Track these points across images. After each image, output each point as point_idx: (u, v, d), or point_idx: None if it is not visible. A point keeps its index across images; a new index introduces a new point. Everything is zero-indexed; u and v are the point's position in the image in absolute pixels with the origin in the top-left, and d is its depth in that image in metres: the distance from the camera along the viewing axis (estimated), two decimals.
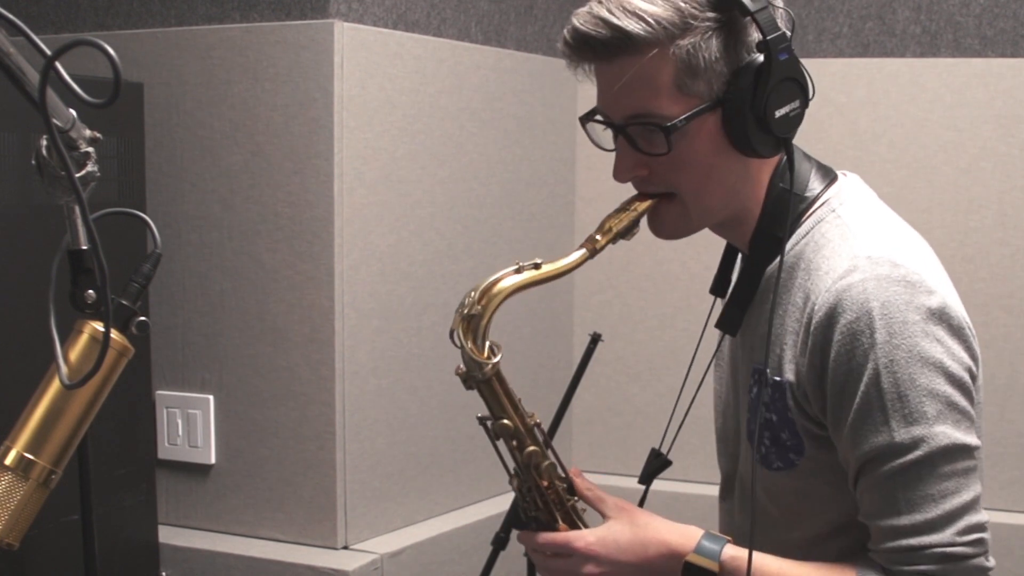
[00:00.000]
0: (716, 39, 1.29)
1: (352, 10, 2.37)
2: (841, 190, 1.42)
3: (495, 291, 1.37)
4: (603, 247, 1.37)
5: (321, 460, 2.38)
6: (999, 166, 2.70)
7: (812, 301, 1.31)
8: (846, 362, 1.28)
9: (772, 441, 1.38)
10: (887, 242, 1.34)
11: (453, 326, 1.37)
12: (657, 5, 1.28)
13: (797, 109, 1.34)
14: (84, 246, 1.24)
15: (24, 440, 1.22)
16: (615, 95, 1.34)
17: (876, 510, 1.30)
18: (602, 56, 1.32)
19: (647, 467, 1.63)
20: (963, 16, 2.74)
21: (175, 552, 2.42)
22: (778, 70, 1.30)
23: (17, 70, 1.09)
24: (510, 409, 1.42)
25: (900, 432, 1.26)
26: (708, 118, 1.32)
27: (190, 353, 2.48)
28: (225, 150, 2.41)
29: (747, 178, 1.38)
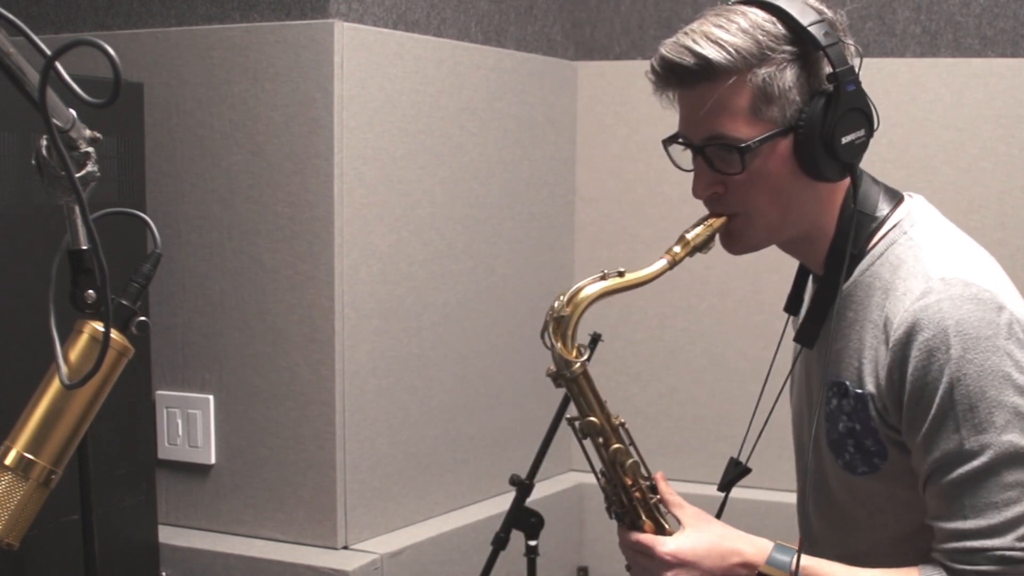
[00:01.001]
0: (791, 70, 1.40)
1: (352, 10, 2.37)
2: (911, 211, 1.51)
3: (581, 296, 1.47)
4: (682, 259, 1.48)
5: (321, 460, 2.38)
6: (999, 166, 2.70)
7: (892, 321, 1.40)
8: (923, 376, 1.37)
9: (856, 448, 1.46)
10: (958, 262, 1.43)
11: (544, 328, 1.49)
12: (738, 36, 1.39)
13: (863, 137, 1.44)
14: (84, 246, 1.24)
15: (24, 440, 1.22)
16: (695, 119, 1.44)
17: (942, 513, 1.38)
18: (686, 82, 1.42)
19: (726, 475, 1.70)
20: (963, 16, 2.74)
21: (175, 552, 2.42)
22: (846, 100, 1.41)
23: (17, 70, 1.09)
24: (596, 407, 1.51)
25: (969, 440, 1.35)
26: (780, 142, 1.42)
27: (190, 353, 2.48)
28: (225, 150, 2.41)
29: (816, 200, 1.47)
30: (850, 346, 1.46)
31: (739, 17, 1.40)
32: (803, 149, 1.41)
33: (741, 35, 1.39)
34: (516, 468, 2.11)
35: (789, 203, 1.46)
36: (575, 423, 1.52)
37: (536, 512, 2.05)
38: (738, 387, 2.93)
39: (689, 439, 2.97)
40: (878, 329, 1.43)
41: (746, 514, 2.06)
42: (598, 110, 3.00)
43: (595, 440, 1.52)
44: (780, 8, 1.41)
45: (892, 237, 1.48)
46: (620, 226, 3.00)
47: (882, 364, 1.41)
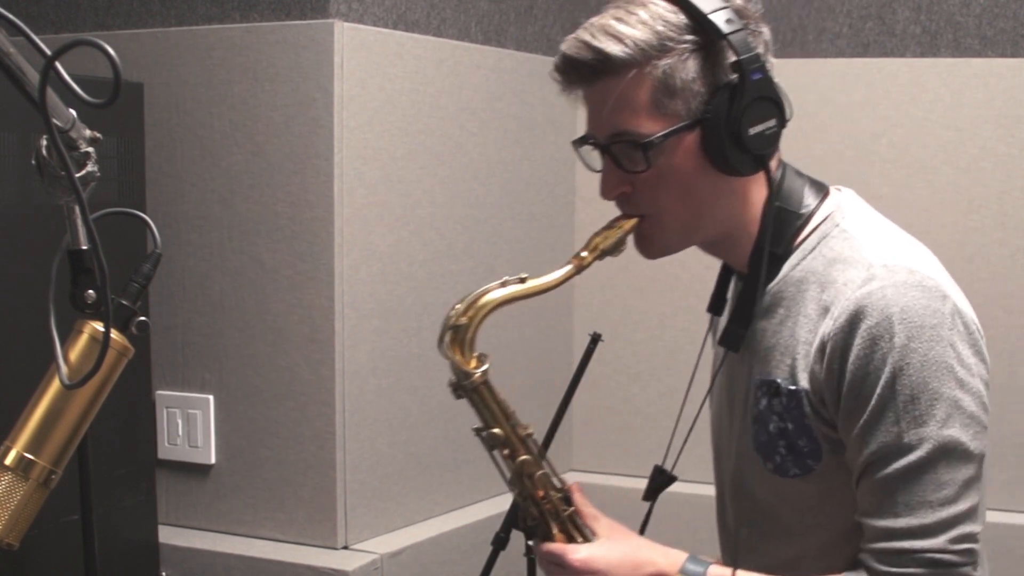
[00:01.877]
0: (693, 60, 1.35)
1: (352, 10, 2.37)
2: (841, 205, 1.46)
3: (480, 303, 1.42)
4: (589, 263, 1.42)
5: (321, 460, 2.38)
6: (999, 166, 2.70)
7: (831, 312, 1.35)
8: (864, 364, 1.31)
9: (788, 449, 1.41)
10: (899, 250, 1.38)
11: (440, 338, 1.42)
12: (637, 28, 1.34)
13: (773, 127, 1.38)
14: (84, 246, 1.24)
15: (24, 440, 1.22)
16: (599, 115, 1.40)
17: (874, 509, 1.33)
18: (587, 78, 1.37)
19: (651, 483, 1.66)
20: (963, 16, 2.74)
21: (175, 552, 2.42)
22: (752, 89, 1.35)
23: (17, 70, 1.09)
24: (501, 418, 1.46)
25: (908, 433, 1.30)
26: (686, 137, 1.36)
27: (190, 353, 2.48)
28: (225, 150, 2.41)
29: (731, 197, 1.42)
30: (781, 343, 1.41)
31: (639, 8, 1.35)
32: (710, 142, 1.36)
33: (640, 27, 1.33)
34: None
35: (701, 201, 1.40)
36: (482, 434, 1.47)
37: None
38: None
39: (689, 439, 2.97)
40: (813, 322, 1.37)
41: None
42: None
43: (501, 452, 1.47)
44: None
45: (824, 231, 1.42)
46: None
47: (817, 357, 1.35)
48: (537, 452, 1.47)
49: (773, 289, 1.42)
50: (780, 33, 2.90)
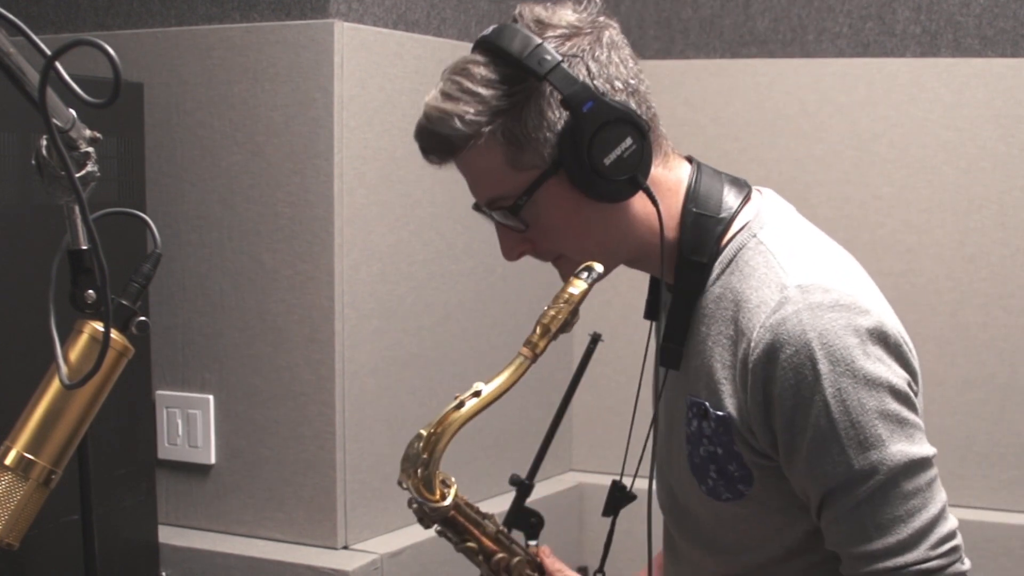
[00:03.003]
0: (526, 111, 1.31)
1: (352, 10, 2.37)
2: (759, 211, 1.39)
3: (441, 430, 1.34)
4: (544, 349, 1.35)
5: (321, 460, 2.38)
6: (999, 166, 2.70)
7: (747, 337, 1.29)
8: (792, 396, 1.26)
9: (719, 473, 1.37)
10: (814, 266, 1.32)
11: (400, 477, 1.35)
12: (463, 101, 1.32)
13: (630, 146, 1.31)
14: (84, 246, 1.24)
15: (24, 440, 1.22)
16: (471, 186, 1.40)
17: (846, 539, 1.29)
18: (442, 156, 1.38)
19: (610, 499, 1.63)
20: (963, 16, 2.74)
21: (175, 552, 2.42)
22: (589, 121, 1.29)
23: (17, 70, 1.10)
24: (473, 531, 1.45)
25: (858, 460, 1.25)
26: (552, 183, 1.33)
27: (190, 353, 2.48)
28: (225, 150, 2.41)
29: (629, 219, 1.37)
30: (705, 364, 1.35)
31: (462, 78, 1.33)
32: (576, 181, 1.31)
33: (466, 97, 1.31)
34: (516, 468, 2.11)
35: (599, 232, 1.37)
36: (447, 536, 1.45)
37: (536, 512, 2.05)
38: None
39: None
40: (732, 343, 1.32)
41: None
42: None
43: (475, 559, 1.47)
44: (495, 46, 1.31)
45: (740, 241, 1.36)
46: None
47: (741, 385, 1.30)
48: (507, 541, 1.48)
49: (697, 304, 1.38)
50: (780, 33, 2.90)
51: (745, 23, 2.94)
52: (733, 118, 2.89)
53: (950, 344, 2.74)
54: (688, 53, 2.98)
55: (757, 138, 2.88)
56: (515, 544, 1.48)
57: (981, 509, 2.70)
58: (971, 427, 2.73)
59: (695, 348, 1.38)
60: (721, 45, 2.97)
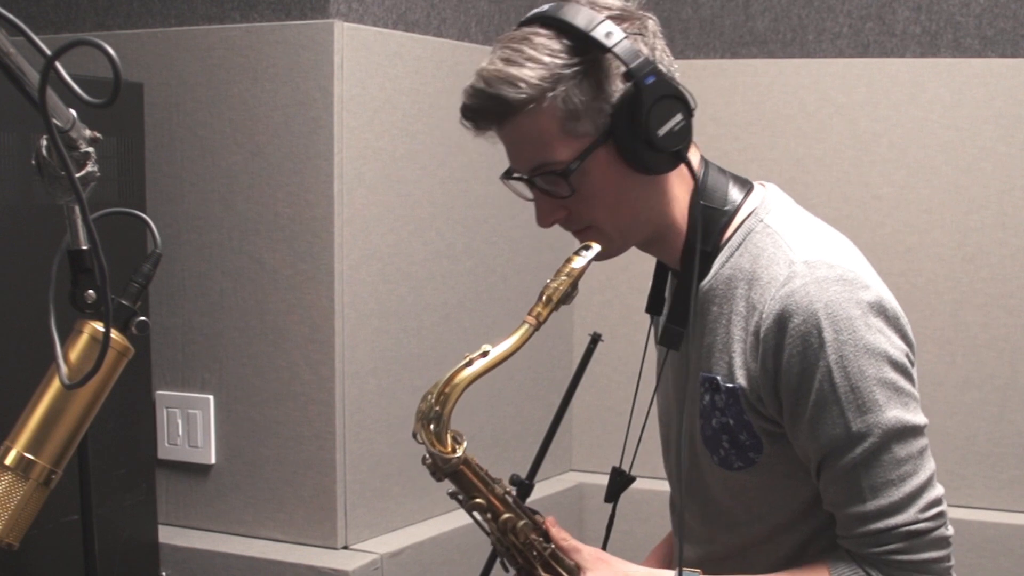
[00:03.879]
0: (587, 81, 1.38)
1: (352, 10, 2.37)
2: (764, 200, 1.49)
3: (451, 387, 1.43)
4: (546, 318, 1.42)
5: (321, 460, 2.38)
6: (999, 166, 2.70)
7: (759, 310, 1.39)
8: (799, 363, 1.36)
9: (731, 443, 1.46)
10: (819, 245, 1.42)
11: (414, 429, 1.45)
12: (526, 66, 1.37)
13: (681, 121, 1.40)
14: (84, 246, 1.24)
15: (24, 440, 1.22)
16: (516, 152, 1.45)
17: (842, 499, 1.38)
18: (493, 122, 1.42)
19: (610, 486, 1.71)
20: (963, 16, 2.74)
21: (175, 552, 2.42)
22: (649, 93, 1.37)
23: (17, 70, 1.09)
24: (481, 488, 1.49)
25: (856, 422, 1.35)
26: (601, 152, 1.40)
27: (190, 353, 2.48)
28: (225, 150, 2.41)
29: (660, 196, 1.46)
30: (718, 341, 1.45)
31: (522, 44, 1.39)
32: (625, 151, 1.40)
33: (529, 64, 1.37)
34: (516, 468, 2.11)
35: (632, 205, 1.44)
36: (458, 497, 1.51)
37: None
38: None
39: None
40: (743, 319, 1.42)
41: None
42: None
43: (483, 516, 1.51)
44: (559, 20, 1.38)
45: (749, 226, 1.46)
46: None
47: (752, 355, 1.40)
48: (514, 504, 1.51)
49: (706, 286, 1.47)
50: (780, 33, 2.90)
51: (745, 23, 2.94)
52: (733, 118, 2.90)
53: (950, 344, 2.74)
54: (688, 53, 2.98)
55: (757, 138, 2.88)
56: (522, 508, 1.52)
57: (981, 509, 2.70)
58: (971, 427, 2.73)
59: (707, 328, 1.47)
60: (721, 45, 2.97)
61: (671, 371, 1.59)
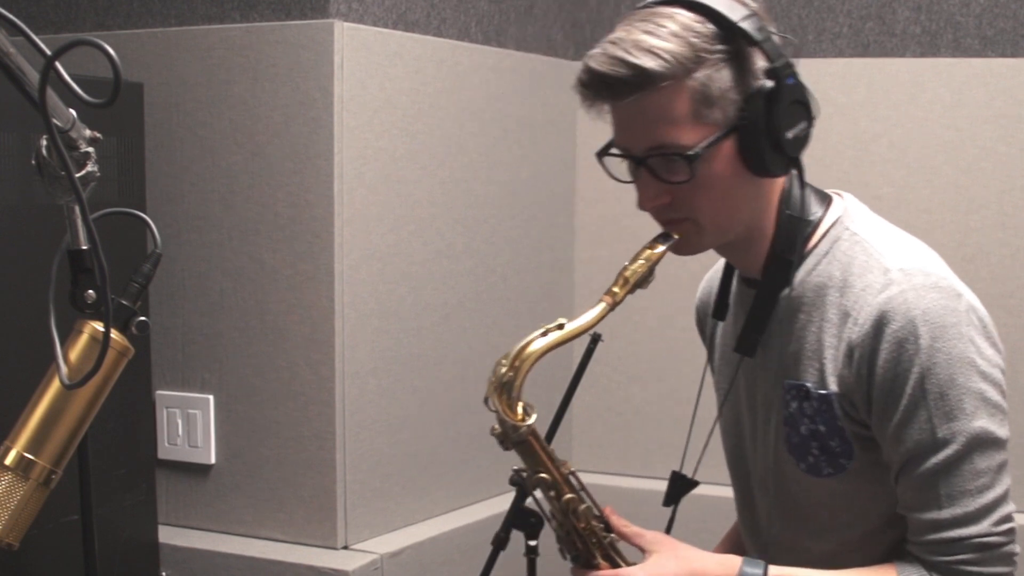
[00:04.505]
0: (727, 69, 1.37)
1: (352, 10, 2.37)
2: (847, 210, 1.50)
3: (524, 355, 1.44)
4: (622, 299, 1.44)
5: (321, 460, 2.38)
6: (999, 166, 2.70)
7: (853, 317, 1.40)
8: (893, 367, 1.37)
9: (821, 450, 1.45)
10: (910, 253, 1.44)
11: (487, 393, 1.45)
12: (670, 41, 1.34)
13: (803, 129, 1.42)
14: (84, 246, 1.24)
15: (24, 440, 1.22)
16: (635, 129, 1.41)
17: (918, 504, 1.39)
18: (620, 93, 1.37)
19: (670, 490, 1.70)
20: (963, 16, 2.74)
21: (175, 552, 2.42)
22: (787, 94, 1.38)
23: (17, 70, 1.09)
24: (547, 463, 1.51)
25: (941, 428, 1.36)
26: (724, 143, 1.39)
27: (190, 353, 2.48)
28: (225, 150, 2.41)
29: (759, 199, 1.46)
30: (807, 348, 1.45)
31: (667, 21, 1.36)
32: (749, 147, 1.38)
33: (673, 40, 1.34)
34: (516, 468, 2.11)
35: (736, 203, 1.43)
36: (522, 475, 1.52)
37: (536, 512, 2.05)
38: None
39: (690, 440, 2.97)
40: (837, 327, 1.42)
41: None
42: None
43: (546, 493, 1.52)
44: (707, 6, 1.36)
45: (835, 235, 1.47)
46: (620, 226, 3.00)
47: (845, 362, 1.40)
48: (579, 487, 1.52)
49: (789, 295, 1.46)
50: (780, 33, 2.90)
51: None
52: None
53: None
54: None
55: None
56: (585, 491, 1.52)
57: None
58: None
59: (793, 335, 1.47)
60: None
61: (743, 380, 1.58)
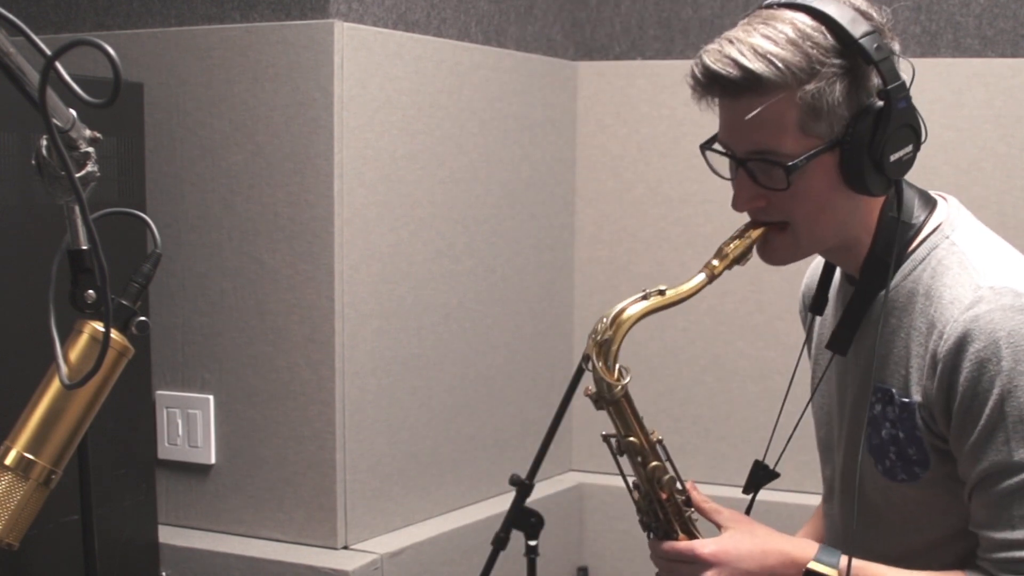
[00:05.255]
0: (840, 84, 1.35)
1: (352, 10, 2.37)
2: (949, 215, 1.48)
3: (624, 317, 1.45)
4: (720, 273, 1.45)
5: (321, 460, 2.38)
6: (999, 166, 2.70)
7: (939, 329, 1.39)
8: (973, 386, 1.35)
9: (898, 456, 1.45)
10: (1005, 270, 1.41)
11: (587, 351, 1.46)
12: (786, 50, 1.34)
13: (910, 153, 1.40)
14: (84, 246, 1.24)
15: (24, 440, 1.22)
16: (739, 131, 1.40)
17: (990, 522, 1.38)
18: (730, 93, 1.37)
19: (751, 478, 1.69)
20: (963, 16, 2.74)
21: (175, 552, 2.42)
22: (897, 117, 1.37)
23: (17, 70, 1.09)
24: (636, 427, 1.52)
25: (1019, 451, 1.35)
26: (826, 157, 1.38)
27: (190, 353, 2.48)
28: (225, 150, 2.41)
29: (857, 212, 1.45)
30: (894, 353, 1.45)
31: (786, 27, 1.34)
32: (849, 164, 1.38)
33: (790, 48, 1.33)
34: (516, 468, 2.11)
35: (832, 217, 1.43)
36: (611, 440, 1.53)
37: (536, 512, 2.05)
38: (738, 387, 2.93)
39: (689, 439, 2.97)
40: (923, 337, 1.41)
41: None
42: (598, 110, 3.00)
43: (633, 459, 1.52)
44: (829, 17, 1.35)
45: (933, 241, 1.45)
46: (620, 226, 3.00)
47: (928, 374, 1.39)
48: (665, 457, 1.52)
49: (887, 297, 1.46)
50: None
51: None
52: None
53: None
54: (688, 53, 2.98)
55: None
56: (671, 463, 1.53)
57: None
58: None
59: (884, 338, 1.46)
60: None
61: (835, 375, 1.58)
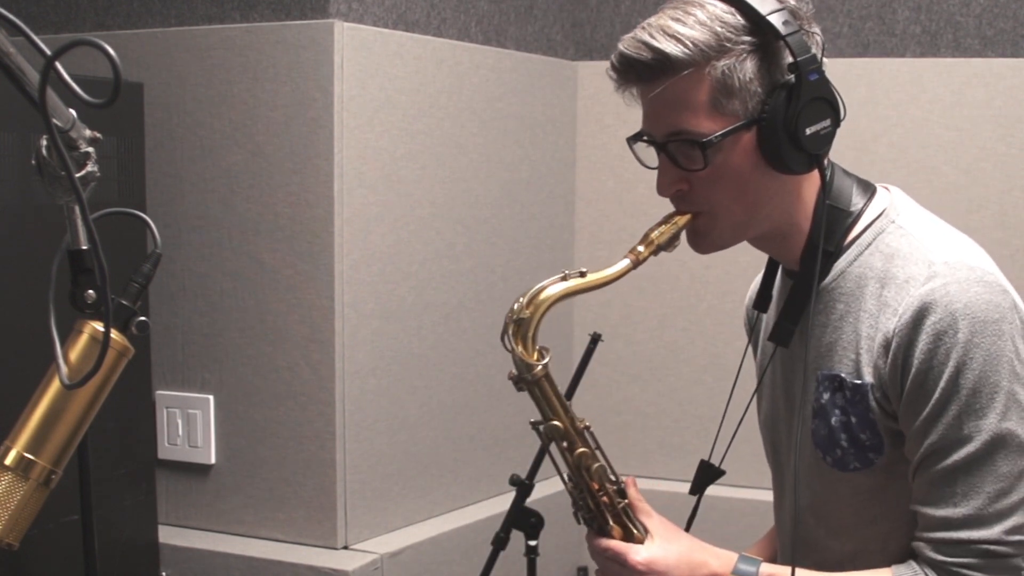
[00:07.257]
0: (751, 61, 1.37)
1: (352, 10, 2.37)
2: (893, 201, 1.49)
3: (542, 297, 1.44)
4: (645, 258, 1.45)
5: (321, 460, 2.38)
6: (999, 166, 2.70)
7: (893, 307, 1.38)
8: (929, 359, 1.35)
9: (850, 442, 1.44)
10: (956, 247, 1.42)
11: (503, 331, 1.45)
12: (695, 29, 1.36)
13: (828, 127, 1.42)
14: (84, 246, 1.24)
15: (24, 440, 1.22)
16: (656, 114, 1.41)
17: (931, 499, 1.37)
18: (645, 78, 1.39)
19: (697, 478, 1.69)
20: (963, 16, 2.74)
21: (175, 552, 2.42)
22: (808, 90, 1.38)
23: (17, 70, 1.09)
24: (560, 411, 1.49)
25: (968, 424, 1.34)
26: (743, 136, 1.39)
27: (190, 353, 2.48)
28: (225, 150, 2.41)
29: (784, 195, 1.44)
30: (843, 338, 1.44)
31: (697, 9, 1.37)
32: (767, 142, 1.38)
33: (698, 27, 1.35)
34: (516, 468, 2.11)
35: (756, 198, 1.43)
36: (539, 427, 1.50)
37: (536, 512, 2.05)
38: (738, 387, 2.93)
39: (689, 439, 2.97)
40: (874, 319, 1.41)
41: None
42: (598, 110, 3.00)
43: (559, 444, 1.50)
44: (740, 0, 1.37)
45: (879, 226, 1.46)
46: (620, 226, 3.00)
47: (880, 352, 1.39)
48: (594, 445, 1.50)
49: (829, 285, 1.46)
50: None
51: None
52: None
53: None
54: None
55: None
56: (601, 451, 1.51)
57: None
58: None
59: (830, 326, 1.46)
60: None
61: (779, 371, 1.58)
